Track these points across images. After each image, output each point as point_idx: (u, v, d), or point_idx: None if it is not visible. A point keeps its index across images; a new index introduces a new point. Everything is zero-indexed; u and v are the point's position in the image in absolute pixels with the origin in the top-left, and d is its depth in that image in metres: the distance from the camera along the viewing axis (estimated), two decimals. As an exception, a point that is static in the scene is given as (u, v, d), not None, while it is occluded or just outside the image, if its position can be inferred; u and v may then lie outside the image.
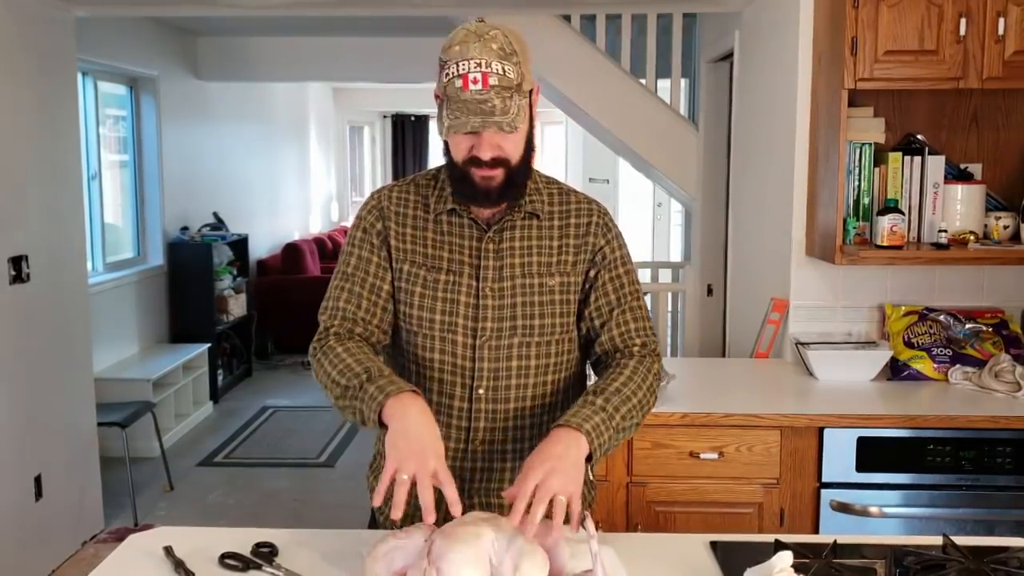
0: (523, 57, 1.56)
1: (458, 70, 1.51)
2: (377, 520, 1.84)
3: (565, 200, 1.73)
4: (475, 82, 1.50)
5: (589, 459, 1.50)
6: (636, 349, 1.70)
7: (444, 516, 1.46)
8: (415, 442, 1.43)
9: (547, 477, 1.42)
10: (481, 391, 1.67)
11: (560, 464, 1.44)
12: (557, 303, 1.68)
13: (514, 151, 1.59)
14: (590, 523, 1.43)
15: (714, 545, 1.66)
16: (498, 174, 1.58)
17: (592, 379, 1.73)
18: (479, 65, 1.50)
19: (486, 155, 1.55)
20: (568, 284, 1.69)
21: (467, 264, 1.67)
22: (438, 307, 1.67)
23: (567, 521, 1.42)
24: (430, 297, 1.67)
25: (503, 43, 1.53)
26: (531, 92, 1.59)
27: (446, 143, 1.62)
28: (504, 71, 1.51)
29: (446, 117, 1.54)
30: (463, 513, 1.45)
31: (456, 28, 1.57)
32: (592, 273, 1.71)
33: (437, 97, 1.59)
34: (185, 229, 6.38)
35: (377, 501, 1.45)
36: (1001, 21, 2.69)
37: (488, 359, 1.66)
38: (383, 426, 1.48)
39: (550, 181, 1.76)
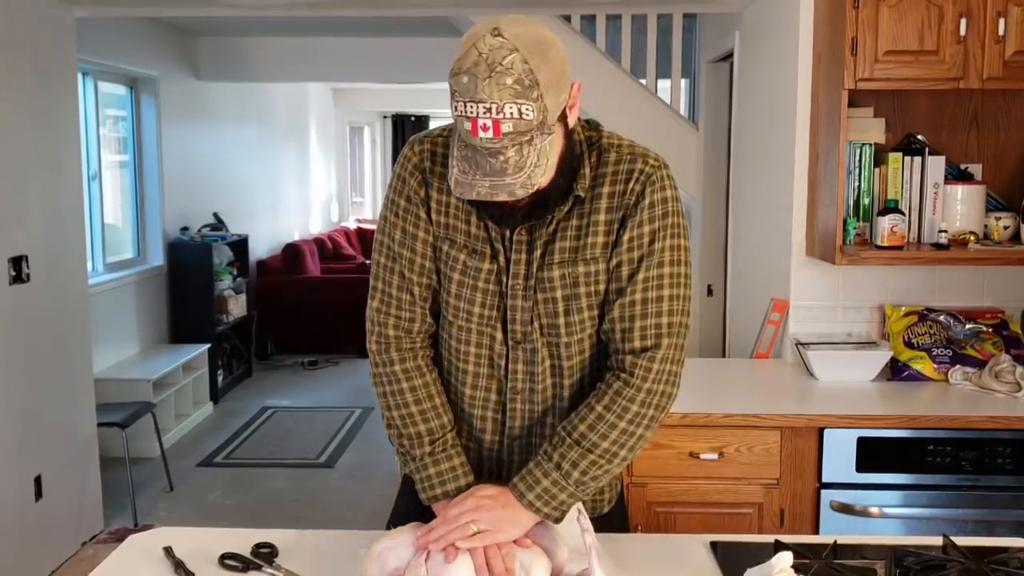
0: (548, 75, 1.31)
1: (466, 111, 1.30)
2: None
3: (603, 161, 1.49)
4: (485, 129, 1.29)
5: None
6: (628, 359, 1.49)
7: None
8: None
9: (481, 514, 1.44)
10: (516, 391, 1.57)
11: (505, 514, 1.46)
12: (583, 296, 1.50)
13: (543, 178, 1.36)
14: (585, 518, 1.44)
15: (714, 546, 1.66)
16: (523, 200, 1.39)
17: None
18: (488, 111, 1.29)
19: (502, 199, 1.36)
20: (598, 272, 1.50)
21: (502, 253, 1.51)
22: (477, 299, 1.53)
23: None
24: (469, 287, 1.52)
25: (520, 73, 1.28)
26: (567, 102, 1.37)
27: None
28: (521, 113, 1.29)
29: (454, 160, 1.36)
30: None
31: (467, 39, 1.33)
32: (614, 251, 1.49)
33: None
34: (185, 229, 6.38)
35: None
36: (1001, 21, 2.69)
37: (523, 359, 1.55)
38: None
39: (592, 141, 1.50)
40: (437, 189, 1.52)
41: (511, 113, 1.29)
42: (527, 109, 1.29)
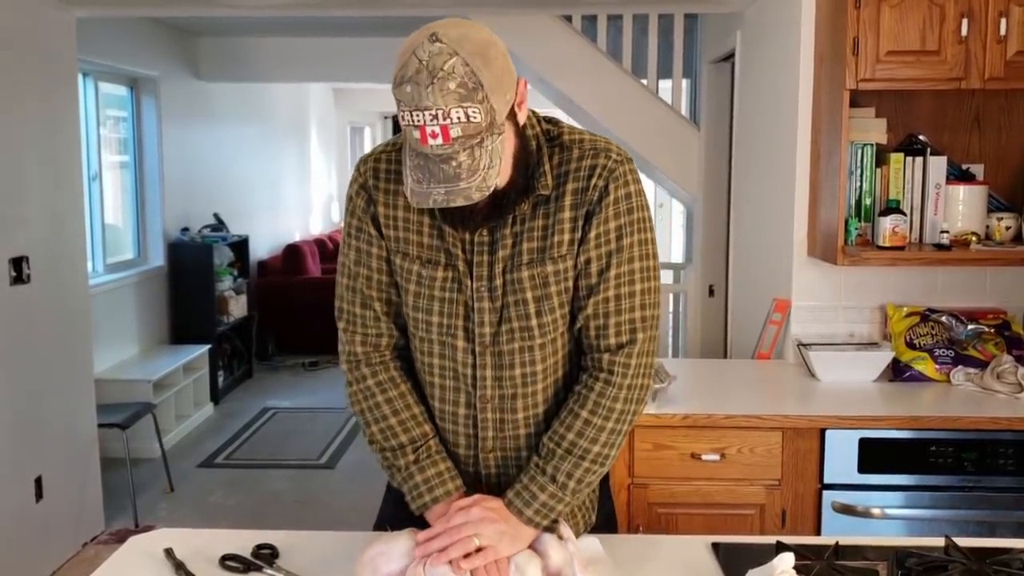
0: (491, 75, 1.29)
1: (413, 120, 1.28)
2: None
3: (566, 159, 1.48)
4: (434, 136, 1.28)
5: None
6: (605, 358, 1.49)
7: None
8: None
9: (482, 527, 1.44)
10: (486, 400, 1.54)
11: (507, 529, 1.46)
12: (554, 295, 1.49)
13: (499, 178, 1.35)
14: (564, 528, 1.47)
15: (716, 547, 1.65)
16: (481, 202, 1.36)
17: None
18: (435, 118, 1.27)
19: (458, 204, 1.33)
20: (565, 270, 1.48)
21: (461, 259, 1.49)
22: (435, 307, 1.51)
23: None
24: (426, 297, 1.51)
25: (463, 76, 1.26)
26: (513, 105, 1.35)
27: None
28: (468, 116, 1.27)
29: (408, 170, 1.34)
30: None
31: (406, 48, 1.30)
32: (581, 248, 1.47)
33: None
34: (186, 230, 6.38)
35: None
36: (1003, 21, 2.69)
37: (492, 365, 1.52)
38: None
39: (552, 136, 1.50)
40: (383, 204, 1.52)
41: (458, 117, 1.27)
42: (474, 112, 1.28)
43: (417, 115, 1.28)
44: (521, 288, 1.48)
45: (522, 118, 1.41)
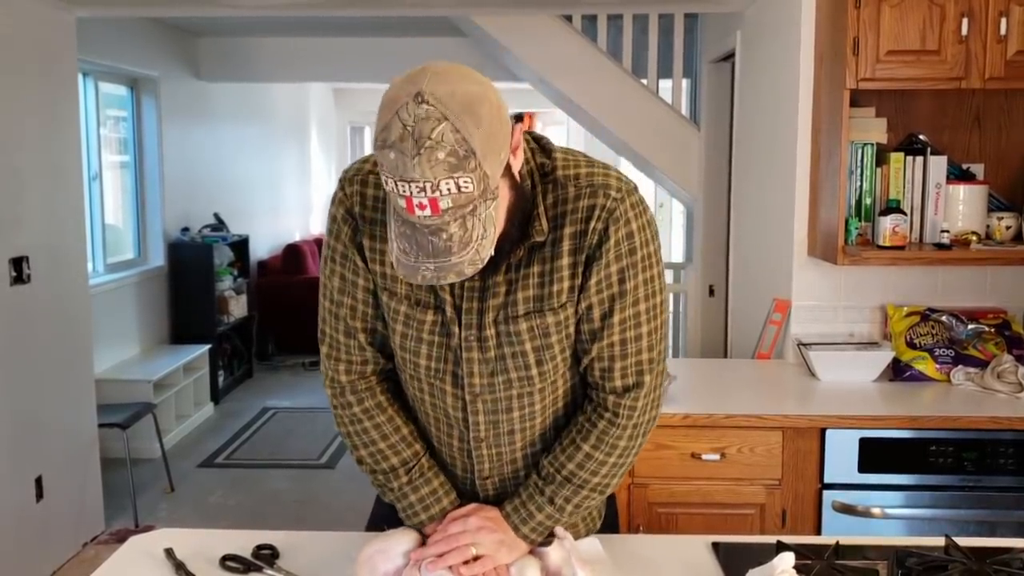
0: (483, 137, 1.16)
1: (398, 189, 1.16)
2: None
3: (562, 198, 1.35)
4: (422, 208, 1.16)
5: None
6: (611, 399, 1.43)
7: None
8: None
9: (482, 536, 1.43)
10: (480, 438, 1.48)
11: (506, 539, 1.46)
12: (555, 344, 1.40)
13: (492, 248, 1.23)
14: (559, 527, 1.49)
15: (716, 546, 1.65)
16: None
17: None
18: (423, 190, 1.14)
19: (450, 281, 1.23)
20: (568, 319, 1.39)
21: (449, 303, 1.39)
22: (423, 351, 1.42)
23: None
24: (413, 339, 1.42)
25: (453, 145, 1.13)
26: (508, 158, 1.23)
27: None
28: (459, 187, 1.15)
29: (392, 236, 1.22)
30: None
31: (388, 103, 1.17)
32: (582, 295, 1.38)
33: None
34: (186, 230, 6.38)
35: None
36: (1003, 21, 2.68)
37: (484, 411, 1.45)
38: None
39: (546, 173, 1.36)
40: (369, 236, 1.40)
41: (448, 189, 1.15)
42: (465, 182, 1.15)
43: (403, 186, 1.15)
44: (519, 340, 1.39)
45: (517, 165, 1.28)
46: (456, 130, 1.14)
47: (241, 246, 7.08)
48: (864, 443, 2.54)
